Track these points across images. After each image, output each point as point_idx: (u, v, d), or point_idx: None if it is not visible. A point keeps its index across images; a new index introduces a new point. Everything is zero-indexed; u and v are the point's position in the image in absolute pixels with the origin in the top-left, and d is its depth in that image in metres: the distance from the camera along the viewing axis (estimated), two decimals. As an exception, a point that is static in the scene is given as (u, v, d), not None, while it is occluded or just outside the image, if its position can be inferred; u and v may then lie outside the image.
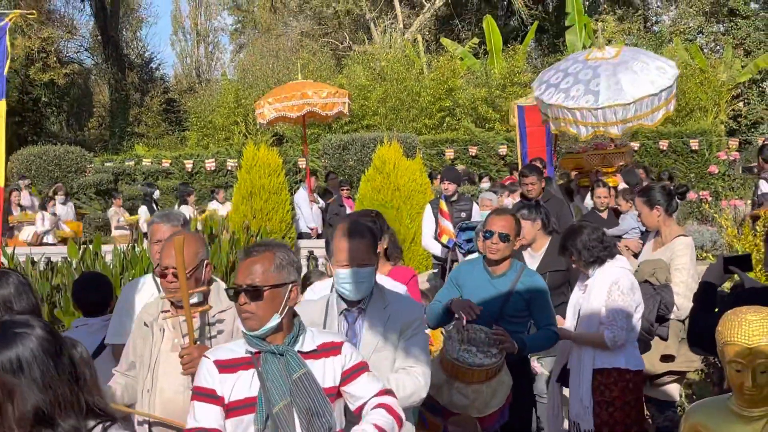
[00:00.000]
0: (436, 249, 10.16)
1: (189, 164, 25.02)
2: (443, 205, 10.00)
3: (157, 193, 18.97)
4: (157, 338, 4.29)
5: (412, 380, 4.14)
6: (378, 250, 4.71)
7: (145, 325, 4.36)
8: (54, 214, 17.82)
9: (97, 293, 5.91)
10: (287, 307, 3.53)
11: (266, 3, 50.25)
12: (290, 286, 3.55)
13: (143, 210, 18.17)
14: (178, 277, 4.05)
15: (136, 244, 8.91)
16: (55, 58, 35.24)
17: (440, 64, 28.93)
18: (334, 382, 3.55)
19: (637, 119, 11.34)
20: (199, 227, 9.94)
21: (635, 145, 22.79)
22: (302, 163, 24.72)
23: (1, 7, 35.34)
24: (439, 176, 13.14)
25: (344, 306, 4.28)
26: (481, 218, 10.43)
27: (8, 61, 4.58)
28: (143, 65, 47.95)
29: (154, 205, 18.12)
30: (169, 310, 4.30)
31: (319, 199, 16.56)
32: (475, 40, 33.89)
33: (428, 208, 10.45)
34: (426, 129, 27.72)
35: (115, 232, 18.09)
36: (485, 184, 17.75)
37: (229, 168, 24.50)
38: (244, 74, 37.79)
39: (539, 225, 7.30)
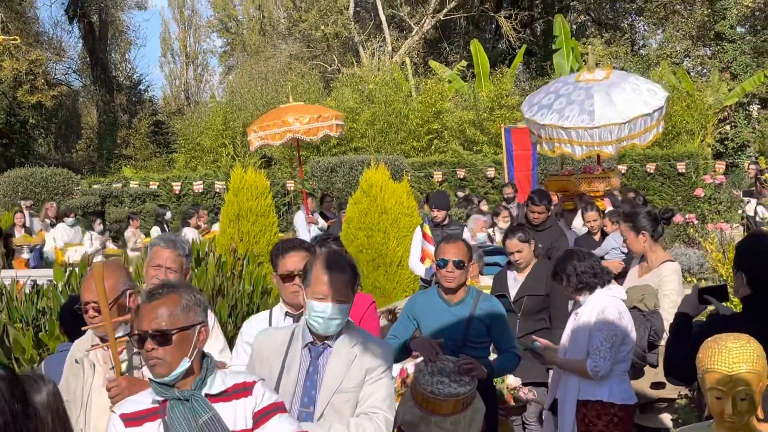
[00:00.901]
0: (422, 271, 10.07)
1: (177, 186, 24.99)
2: (426, 228, 9.87)
3: (169, 215, 18.74)
4: (88, 375, 4.13)
5: (374, 426, 3.97)
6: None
7: (76, 362, 4.20)
8: (101, 234, 17.69)
9: (82, 317, 5.86)
10: (196, 350, 3.36)
11: (255, 25, 50.46)
12: (198, 327, 3.38)
13: (155, 231, 17.85)
14: (100, 310, 3.89)
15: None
16: (43, 80, 35.22)
17: (428, 87, 29.04)
18: (245, 425, 3.36)
19: (631, 139, 11.40)
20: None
21: (623, 168, 22.88)
22: (290, 185, 24.77)
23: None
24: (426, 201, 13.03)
25: (310, 339, 4.11)
26: (476, 242, 10.39)
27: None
28: (132, 87, 47.98)
29: (166, 227, 17.93)
30: (98, 344, 4.13)
31: (319, 219, 16.34)
32: (463, 63, 34.04)
33: (418, 230, 10.37)
34: (414, 151, 27.80)
35: (131, 254, 17.94)
36: (485, 207, 17.66)
37: (217, 190, 24.47)
38: (233, 96, 37.88)
39: (533, 246, 7.28)
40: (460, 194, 20.30)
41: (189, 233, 16.02)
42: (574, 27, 39.98)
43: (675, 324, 4.52)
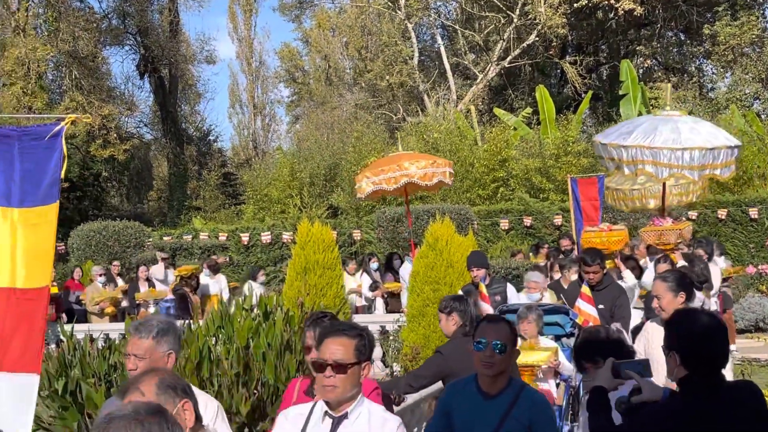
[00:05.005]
0: None
1: (245, 237, 25.27)
2: (482, 287, 9.67)
3: (261, 273, 18.85)
4: None
5: None
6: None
7: None
8: (263, 284, 17.88)
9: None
10: None
11: (321, 76, 51.15)
12: None
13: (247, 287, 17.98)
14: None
15: (192, 322, 8.90)
16: (115, 135, 35.99)
17: (493, 135, 29.00)
18: None
19: (713, 168, 11.21)
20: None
21: (693, 214, 22.51)
22: (357, 234, 24.88)
23: (63, 93, 36.49)
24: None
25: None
26: (526, 299, 10.13)
27: (65, 163, 4.71)
28: (201, 138, 48.83)
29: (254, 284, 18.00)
30: None
31: None
32: (529, 109, 33.99)
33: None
34: (480, 200, 27.71)
35: None
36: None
37: (285, 241, 24.67)
38: (300, 146, 38.29)
39: (455, 320, 6.83)
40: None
41: (255, 287, 16.18)
42: (641, 71, 39.69)
43: (590, 400, 4.40)
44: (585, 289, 9.15)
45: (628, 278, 11.58)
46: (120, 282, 18.82)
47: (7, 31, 35.44)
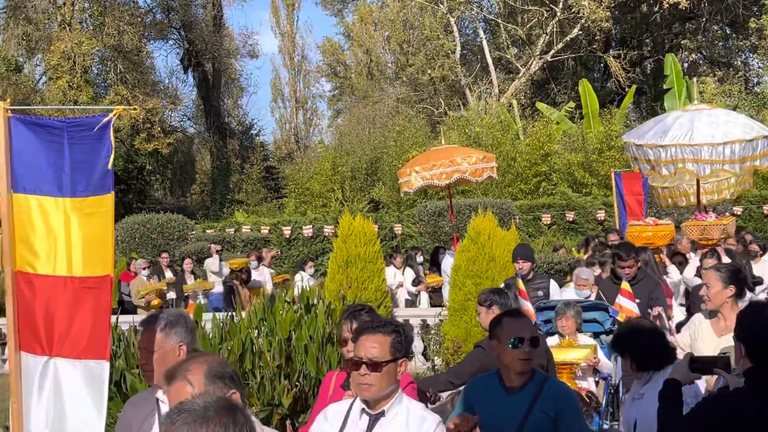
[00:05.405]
0: None
1: (287, 231, 25.38)
2: (520, 284, 9.34)
3: (310, 264, 18.90)
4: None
5: None
6: None
7: None
8: (312, 276, 17.93)
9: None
10: None
11: (363, 70, 51.11)
12: None
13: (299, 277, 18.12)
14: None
15: (234, 315, 8.97)
16: (159, 128, 36.34)
17: (536, 129, 28.86)
18: None
19: (753, 160, 11.07)
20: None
21: (738, 209, 22.25)
22: (398, 228, 24.90)
23: (108, 87, 36.93)
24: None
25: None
26: (575, 296, 9.96)
27: (113, 154, 4.75)
28: (244, 132, 49.12)
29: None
30: None
31: None
32: (571, 104, 33.73)
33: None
34: (522, 194, 27.61)
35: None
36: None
37: (326, 234, 24.76)
38: (341, 140, 38.37)
39: (495, 312, 6.54)
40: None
41: (305, 277, 16.39)
42: (686, 65, 39.25)
43: (664, 392, 4.38)
44: (625, 285, 8.82)
45: (674, 273, 11.46)
46: (168, 274, 18.99)
47: (53, 25, 35.96)
